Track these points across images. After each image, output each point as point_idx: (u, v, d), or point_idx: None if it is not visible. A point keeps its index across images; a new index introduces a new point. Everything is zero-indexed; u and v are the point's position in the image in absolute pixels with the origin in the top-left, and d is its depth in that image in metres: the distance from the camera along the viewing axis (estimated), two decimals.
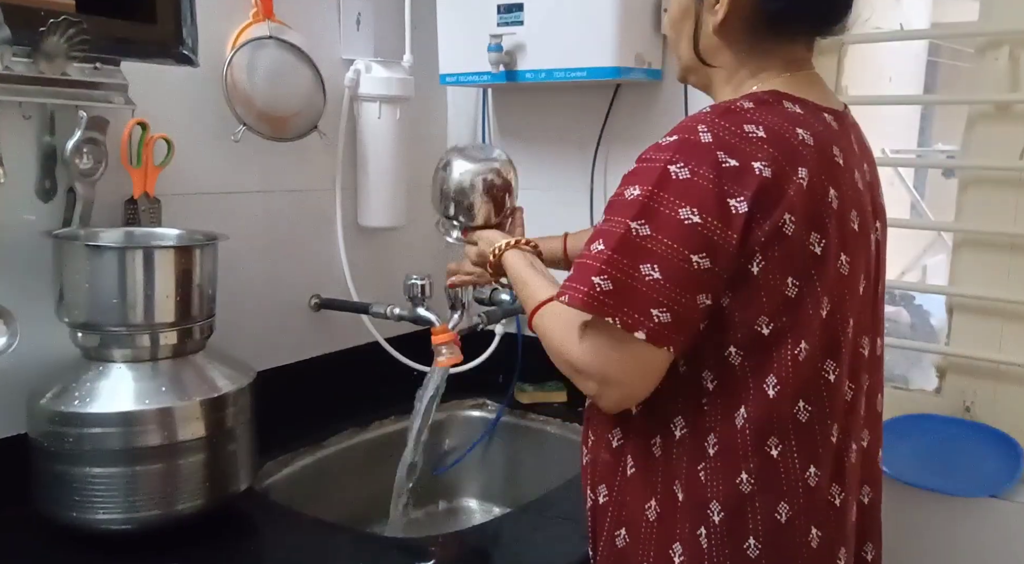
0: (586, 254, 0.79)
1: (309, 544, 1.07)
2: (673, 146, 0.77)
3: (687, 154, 0.76)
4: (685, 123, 0.80)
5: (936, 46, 2.33)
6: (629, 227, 0.76)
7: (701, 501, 0.81)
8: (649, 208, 0.76)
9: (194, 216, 1.28)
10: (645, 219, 0.76)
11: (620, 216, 0.77)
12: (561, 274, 0.92)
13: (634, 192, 0.77)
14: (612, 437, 0.90)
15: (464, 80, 1.53)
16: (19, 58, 1.03)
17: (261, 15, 1.34)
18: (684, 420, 0.83)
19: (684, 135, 0.78)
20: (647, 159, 0.79)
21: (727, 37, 0.85)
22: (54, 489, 1.00)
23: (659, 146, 0.79)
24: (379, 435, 1.52)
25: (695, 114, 0.81)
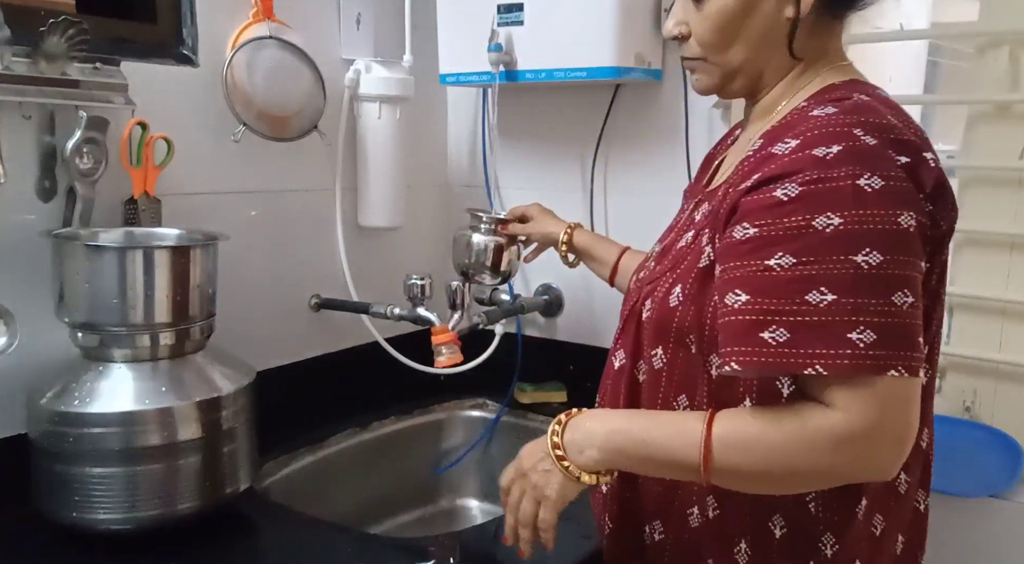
0: (805, 309, 0.66)
1: (309, 544, 1.07)
2: (845, 158, 0.68)
3: (867, 163, 0.68)
4: (828, 130, 0.70)
5: (936, 46, 2.33)
6: (857, 264, 0.65)
7: (813, 534, 0.78)
8: (864, 233, 0.66)
9: (194, 216, 1.28)
10: (869, 246, 0.66)
11: (834, 254, 0.66)
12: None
13: (832, 222, 0.66)
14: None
15: (464, 80, 1.53)
16: (19, 58, 1.03)
17: (261, 15, 1.34)
18: None
19: (847, 142, 0.69)
20: (818, 179, 0.67)
21: (808, 24, 0.77)
22: (54, 489, 1.00)
23: (824, 161, 0.68)
24: (379, 435, 1.52)
25: (824, 118, 0.72)
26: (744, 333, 0.68)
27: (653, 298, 0.84)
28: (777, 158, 0.71)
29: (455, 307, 1.38)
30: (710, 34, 0.81)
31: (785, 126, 0.75)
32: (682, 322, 0.79)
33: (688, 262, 0.81)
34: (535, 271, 1.70)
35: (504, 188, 1.70)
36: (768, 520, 0.79)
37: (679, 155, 1.47)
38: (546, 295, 1.68)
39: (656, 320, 0.82)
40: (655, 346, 0.83)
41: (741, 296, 0.69)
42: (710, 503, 0.82)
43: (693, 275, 0.79)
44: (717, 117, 1.45)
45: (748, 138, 0.84)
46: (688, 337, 0.80)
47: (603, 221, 1.61)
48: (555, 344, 1.69)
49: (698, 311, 0.78)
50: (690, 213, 0.89)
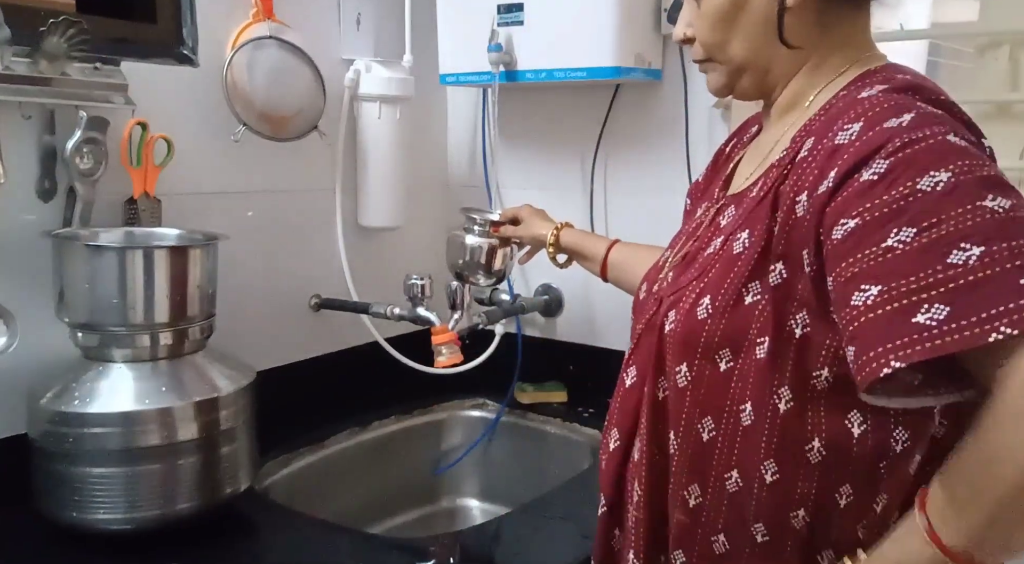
0: (954, 273, 0.56)
1: (309, 544, 1.07)
2: (922, 121, 0.62)
3: (944, 124, 0.63)
4: (889, 105, 0.65)
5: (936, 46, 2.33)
6: (989, 208, 0.57)
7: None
8: (980, 180, 0.59)
9: (194, 216, 1.28)
10: (990, 190, 0.58)
11: (957, 206, 0.58)
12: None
13: (939, 177, 0.59)
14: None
15: (464, 80, 1.53)
16: (19, 58, 1.03)
17: (261, 15, 1.34)
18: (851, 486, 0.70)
19: (916, 111, 0.63)
20: (903, 145, 0.61)
21: (805, 15, 0.74)
22: (54, 489, 1.00)
23: (903, 128, 0.62)
24: (379, 435, 1.52)
25: (879, 96, 0.66)
26: (893, 326, 0.57)
27: (678, 310, 0.77)
28: (845, 147, 0.64)
29: (455, 307, 1.38)
30: (708, 32, 0.79)
31: (832, 116, 0.70)
32: (711, 336, 0.73)
33: (718, 271, 0.75)
34: (535, 271, 1.70)
35: (504, 188, 1.70)
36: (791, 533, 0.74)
37: (679, 155, 1.47)
38: (546, 295, 1.68)
39: (682, 333, 0.76)
40: (679, 362, 0.76)
41: (870, 289, 0.59)
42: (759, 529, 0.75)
43: (725, 286, 0.73)
44: (717, 117, 1.45)
45: (773, 139, 0.80)
46: (718, 353, 0.73)
47: (603, 221, 1.61)
48: (555, 344, 1.69)
49: (732, 324, 0.72)
50: (712, 218, 0.83)
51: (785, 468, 0.71)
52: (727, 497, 0.74)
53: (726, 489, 0.74)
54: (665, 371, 0.78)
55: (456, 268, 1.37)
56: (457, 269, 1.37)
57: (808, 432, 0.70)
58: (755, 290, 0.71)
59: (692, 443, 0.76)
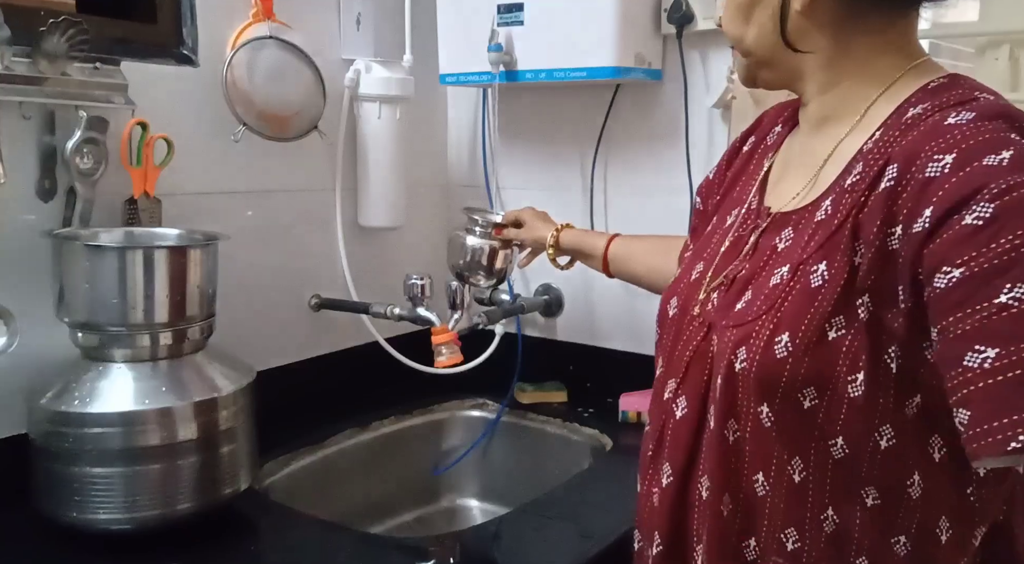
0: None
1: (309, 544, 1.07)
2: (1022, 162, 0.58)
3: None
4: (983, 138, 0.61)
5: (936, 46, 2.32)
6: None
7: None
8: None
9: (194, 216, 1.28)
10: None
11: None
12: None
13: None
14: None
15: (464, 80, 1.53)
16: (19, 58, 1.03)
17: (261, 15, 1.33)
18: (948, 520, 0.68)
19: (1014, 148, 0.59)
20: (1007, 189, 0.57)
21: (819, 18, 0.71)
22: (54, 489, 1.00)
23: (1003, 169, 0.58)
24: (379, 435, 1.52)
25: (969, 125, 0.62)
26: (1015, 396, 0.54)
27: (749, 347, 0.71)
28: (939, 182, 0.60)
29: (455, 307, 1.38)
30: (727, 23, 0.78)
31: (915, 141, 0.64)
32: (794, 376, 0.68)
33: (793, 305, 0.69)
34: (535, 271, 1.70)
35: (504, 188, 1.70)
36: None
37: (679, 155, 1.47)
38: (546, 295, 1.68)
39: (759, 374, 0.70)
40: (760, 403, 0.71)
41: (986, 352, 0.55)
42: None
43: (806, 322, 0.68)
44: (717, 117, 1.45)
45: (822, 150, 0.75)
46: (801, 392, 0.68)
47: (603, 221, 1.61)
48: (555, 344, 1.70)
49: (816, 363, 0.67)
50: (764, 236, 0.77)
51: (886, 499, 0.69)
52: (824, 538, 0.71)
53: (823, 530, 0.70)
54: (737, 413, 0.73)
55: (457, 268, 1.38)
56: (458, 269, 1.38)
57: (909, 466, 0.68)
58: (839, 325, 0.66)
59: (785, 485, 0.71)
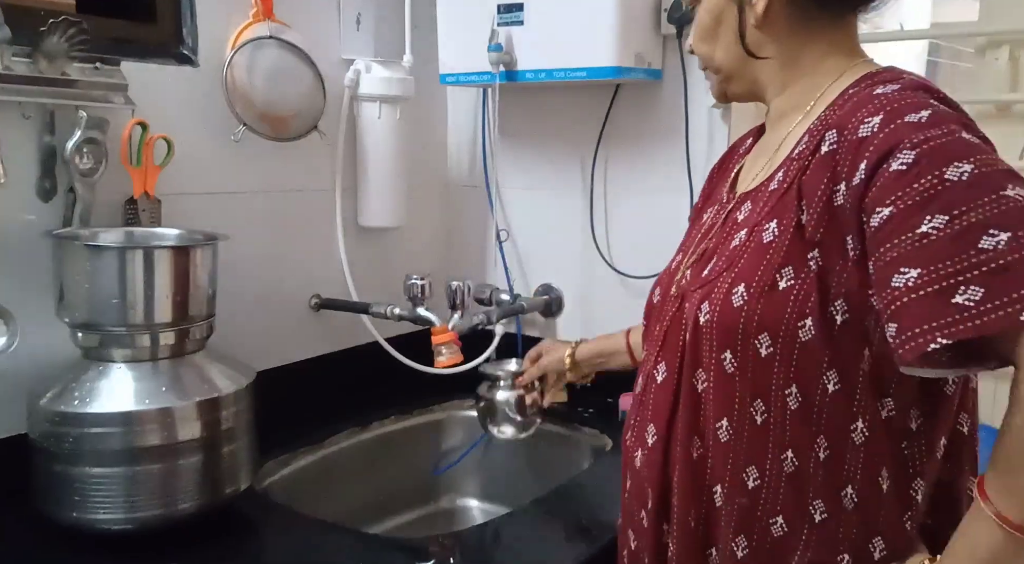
0: (986, 257, 0.62)
1: (309, 544, 1.07)
2: (939, 119, 0.68)
3: (959, 122, 0.68)
4: (906, 102, 0.70)
5: (936, 46, 2.33)
6: (1011, 197, 0.63)
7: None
8: (999, 172, 0.65)
9: (194, 216, 1.28)
10: (1009, 181, 0.64)
11: (983, 195, 0.63)
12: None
13: (963, 168, 0.64)
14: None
15: (464, 80, 1.53)
16: (19, 58, 1.03)
17: (261, 15, 1.34)
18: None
19: (931, 109, 0.69)
20: (926, 139, 0.66)
21: (773, 28, 0.81)
22: (54, 489, 1.00)
23: (922, 124, 0.67)
24: (379, 435, 1.52)
25: (894, 93, 0.72)
26: (935, 306, 0.63)
27: (711, 301, 0.79)
28: (870, 139, 0.70)
29: (455, 307, 1.38)
30: (698, 44, 0.88)
31: (849, 110, 0.74)
32: (749, 322, 0.76)
33: (748, 260, 0.78)
34: (535, 271, 1.70)
35: (504, 188, 1.71)
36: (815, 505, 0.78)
37: (679, 155, 1.47)
38: (546, 295, 1.68)
39: (720, 322, 0.78)
40: (723, 350, 0.79)
41: (909, 272, 0.65)
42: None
43: (759, 273, 0.76)
44: (717, 117, 1.45)
45: (777, 139, 0.85)
46: (757, 339, 0.76)
47: (603, 221, 1.61)
48: None
49: (768, 309, 0.75)
50: (729, 215, 0.86)
51: (835, 446, 0.75)
52: (785, 477, 0.77)
53: (783, 471, 0.77)
54: (703, 363, 0.81)
55: (492, 428, 1.36)
56: (493, 428, 1.36)
57: (853, 413, 0.74)
58: (788, 276, 0.74)
59: (747, 426, 0.78)
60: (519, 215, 1.71)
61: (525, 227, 1.71)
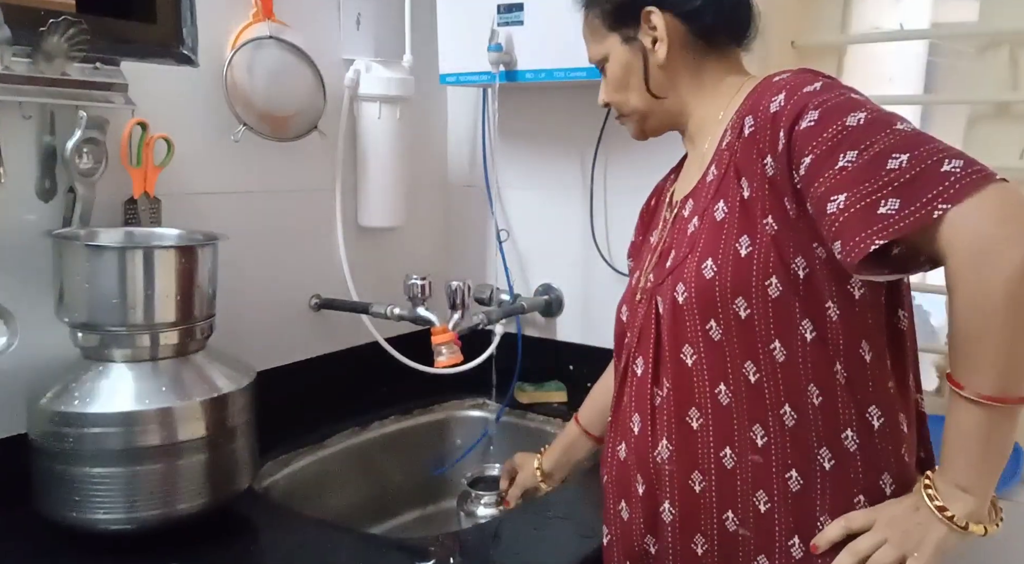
0: (895, 174, 0.74)
1: (309, 544, 1.07)
2: (830, 85, 0.82)
3: (845, 86, 0.83)
4: (800, 78, 0.84)
5: (936, 46, 2.33)
6: (902, 129, 0.76)
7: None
8: (888, 115, 0.78)
9: (194, 216, 1.28)
10: (898, 121, 0.77)
11: (880, 131, 0.76)
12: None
13: (859, 115, 0.77)
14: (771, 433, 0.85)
15: (464, 80, 1.53)
16: (19, 58, 1.03)
17: (261, 15, 1.34)
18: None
19: (823, 80, 0.83)
20: (825, 100, 0.79)
21: (672, 68, 0.94)
22: (54, 489, 1.00)
23: (818, 91, 0.81)
24: (379, 435, 1.52)
25: (788, 77, 0.85)
26: (865, 218, 0.74)
27: (684, 280, 0.87)
28: (780, 112, 0.81)
29: (455, 307, 1.38)
30: (612, 94, 1.00)
31: (756, 100, 0.86)
32: (724, 288, 0.84)
33: (708, 238, 0.86)
34: (535, 271, 1.70)
35: (504, 188, 1.71)
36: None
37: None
38: (546, 295, 1.68)
39: (698, 296, 0.86)
40: (707, 320, 0.86)
41: (838, 198, 0.76)
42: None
43: (722, 245, 0.84)
44: None
45: (700, 152, 0.95)
46: (735, 303, 0.83)
47: (603, 221, 1.61)
48: (555, 344, 1.70)
49: (737, 274, 0.83)
50: (676, 216, 0.96)
51: (825, 392, 0.83)
52: (789, 432, 0.83)
53: (785, 424, 0.83)
54: (688, 338, 0.88)
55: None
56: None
57: (831, 356, 0.83)
58: (746, 244, 0.83)
59: (744, 387, 0.85)
60: (519, 215, 1.71)
61: (525, 227, 1.71)
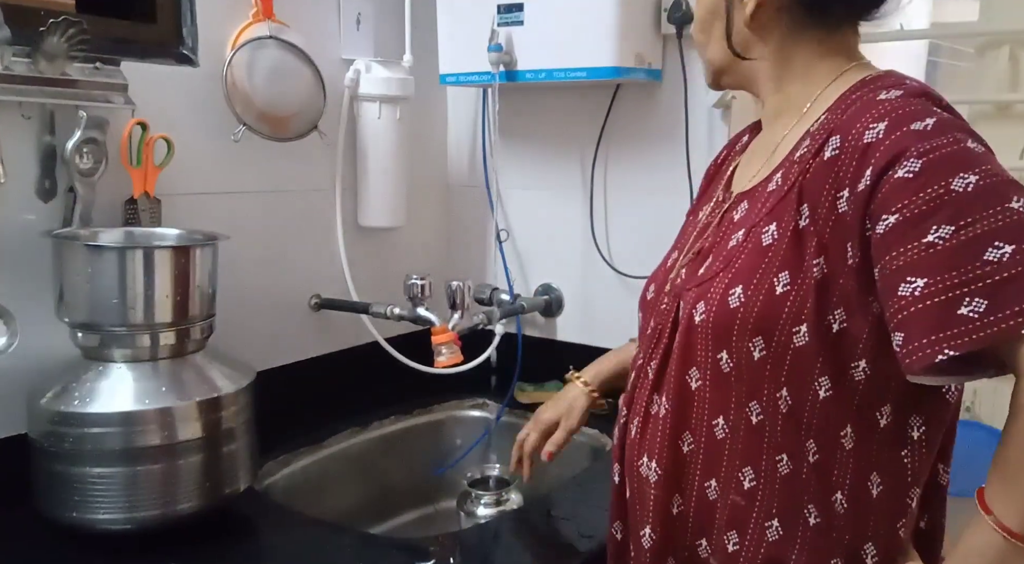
0: (991, 269, 0.63)
1: (309, 544, 1.07)
2: (944, 128, 0.68)
3: (963, 131, 0.69)
4: (910, 109, 0.70)
5: (936, 46, 2.32)
6: (1016, 210, 0.64)
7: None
8: (1003, 183, 0.65)
9: (194, 216, 1.28)
10: (1015, 193, 0.65)
11: (989, 207, 0.64)
12: None
13: (968, 180, 0.65)
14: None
15: (464, 80, 1.53)
16: (19, 58, 1.03)
17: (261, 15, 1.34)
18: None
19: (935, 117, 0.69)
20: (933, 148, 0.66)
21: (761, 29, 0.81)
22: (54, 489, 1.00)
23: (928, 132, 0.68)
24: (379, 435, 1.52)
25: (898, 100, 0.71)
26: (941, 317, 0.64)
27: (707, 301, 0.79)
28: (875, 146, 0.69)
29: (455, 307, 1.38)
30: (697, 35, 0.89)
31: (852, 116, 0.73)
32: (745, 323, 0.76)
33: (746, 261, 0.78)
34: (535, 271, 1.70)
35: (504, 188, 1.71)
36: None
37: (679, 155, 1.47)
38: (546, 295, 1.68)
39: (715, 323, 0.78)
40: (719, 350, 0.79)
41: (916, 281, 0.65)
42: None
43: (758, 275, 0.76)
44: (717, 117, 1.45)
45: (773, 139, 0.84)
46: (752, 341, 0.76)
47: (603, 221, 1.61)
48: (555, 344, 1.70)
49: (764, 312, 0.75)
50: (725, 214, 0.86)
51: (824, 450, 0.75)
52: (779, 479, 0.77)
53: (778, 471, 0.77)
54: (697, 361, 0.81)
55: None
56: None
57: (843, 419, 0.74)
58: (784, 281, 0.74)
59: (743, 426, 0.78)
60: (519, 215, 1.71)
61: (525, 227, 1.71)
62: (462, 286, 1.38)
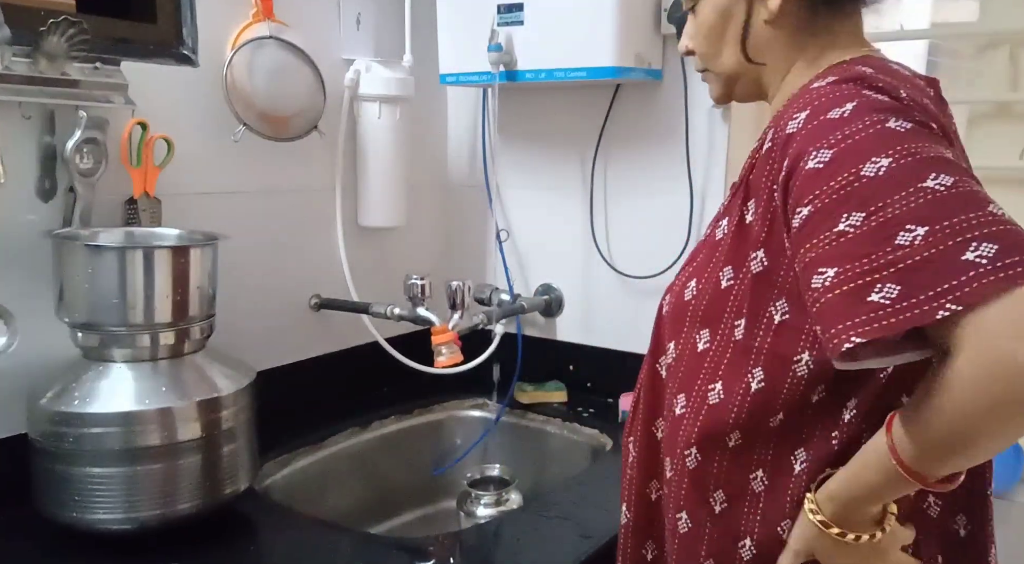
0: (902, 253, 0.59)
1: (309, 544, 1.07)
2: (864, 111, 0.66)
3: (888, 111, 0.65)
4: (834, 95, 0.68)
5: (936, 46, 2.33)
6: (930, 188, 0.60)
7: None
8: (921, 162, 0.62)
9: (194, 216, 1.28)
10: (933, 171, 0.61)
11: (900, 190, 0.61)
12: None
13: (880, 163, 0.62)
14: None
15: (464, 80, 1.53)
16: (19, 58, 1.03)
17: (261, 15, 1.34)
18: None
19: (860, 100, 0.67)
20: (845, 136, 0.65)
21: (784, 23, 0.78)
22: (54, 489, 1.00)
23: (844, 119, 0.66)
24: (379, 435, 1.52)
25: (826, 87, 0.70)
26: (850, 305, 0.61)
27: (672, 293, 0.86)
28: (794, 136, 0.69)
29: (455, 307, 1.38)
30: (702, 44, 0.84)
31: (785, 108, 0.74)
32: (695, 316, 0.81)
33: (703, 256, 0.83)
34: (535, 271, 1.70)
35: (504, 188, 1.71)
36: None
37: (679, 155, 1.47)
38: (546, 295, 1.68)
39: (672, 313, 0.85)
40: (671, 339, 0.85)
41: (827, 272, 0.63)
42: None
43: (709, 270, 0.80)
44: (717, 117, 1.45)
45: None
46: (698, 333, 0.80)
47: (603, 221, 1.61)
48: (555, 344, 1.70)
49: (711, 306, 0.79)
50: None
51: (745, 436, 0.77)
52: (729, 453, 0.79)
53: (728, 445, 0.78)
54: (663, 350, 0.87)
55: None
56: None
57: (769, 408, 0.75)
58: (728, 275, 0.77)
59: (670, 418, 0.85)
60: (519, 215, 1.71)
61: (525, 227, 1.71)
62: (462, 286, 1.39)
